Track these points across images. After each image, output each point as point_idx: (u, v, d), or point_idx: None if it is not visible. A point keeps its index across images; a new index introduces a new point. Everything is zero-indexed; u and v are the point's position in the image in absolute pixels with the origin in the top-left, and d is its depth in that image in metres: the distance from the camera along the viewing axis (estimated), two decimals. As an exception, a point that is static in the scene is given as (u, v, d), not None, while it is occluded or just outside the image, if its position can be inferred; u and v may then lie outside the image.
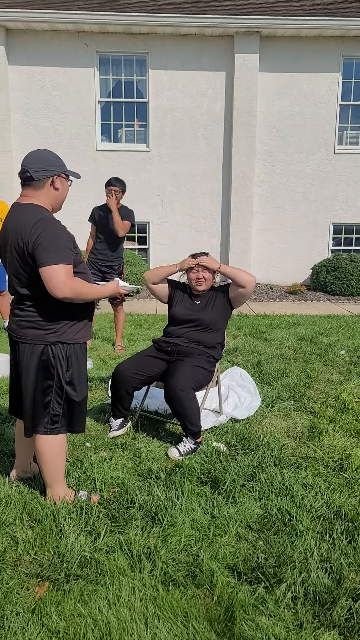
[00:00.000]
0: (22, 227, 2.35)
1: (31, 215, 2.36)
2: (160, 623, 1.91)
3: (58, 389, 2.52)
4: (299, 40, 9.91)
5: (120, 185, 5.45)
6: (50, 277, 2.29)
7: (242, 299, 3.57)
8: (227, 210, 10.49)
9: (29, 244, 2.32)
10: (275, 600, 2.05)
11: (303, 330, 6.72)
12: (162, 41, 9.81)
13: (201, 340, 3.57)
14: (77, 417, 2.62)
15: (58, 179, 2.47)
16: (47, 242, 2.30)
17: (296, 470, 3.09)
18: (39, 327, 2.45)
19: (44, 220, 2.34)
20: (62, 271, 2.30)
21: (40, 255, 2.30)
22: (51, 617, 1.92)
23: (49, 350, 2.47)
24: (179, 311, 3.69)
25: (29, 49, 9.74)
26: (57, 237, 2.33)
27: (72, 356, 2.53)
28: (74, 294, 2.33)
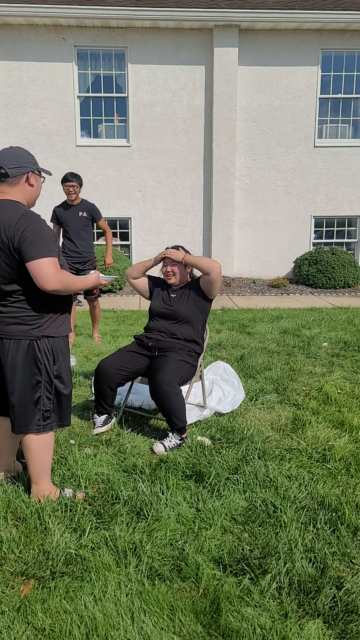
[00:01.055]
0: (5, 223, 2.36)
1: (12, 211, 2.38)
2: (146, 617, 1.92)
3: (47, 383, 2.52)
4: (278, 34, 9.92)
5: (77, 180, 5.52)
6: (39, 270, 2.32)
7: (210, 287, 3.56)
8: (209, 205, 10.49)
9: (14, 239, 2.34)
10: (261, 591, 2.07)
11: (286, 323, 6.76)
12: (140, 35, 9.75)
13: (178, 334, 3.58)
14: (66, 410, 2.63)
15: (32, 176, 2.50)
16: (33, 236, 2.33)
17: (280, 462, 3.12)
18: (23, 323, 2.46)
19: (26, 215, 2.36)
20: (50, 264, 2.34)
21: (27, 250, 2.32)
22: (37, 615, 1.91)
23: (35, 345, 2.47)
24: (155, 304, 3.73)
25: (5, 44, 9.61)
26: (41, 231, 2.36)
27: (58, 350, 2.54)
28: (63, 285, 2.37)
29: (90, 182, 10.24)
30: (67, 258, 5.55)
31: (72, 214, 5.55)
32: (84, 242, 5.62)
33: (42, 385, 2.51)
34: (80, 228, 5.56)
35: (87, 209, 5.61)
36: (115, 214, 10.43)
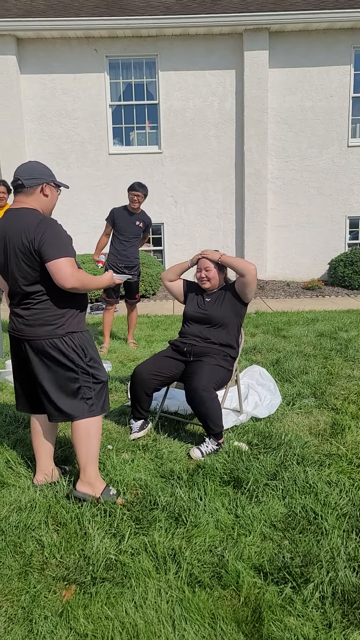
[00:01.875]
0: (25, 228, 2.52)
1: (31, 217, 2.55)
2: (187, 625, 1.91)
3: (85, 374, 2.66)
4: (309, 34, 9.83)
5: (143, 191, 5.70)
6: (59, 270, 2.47)
7: (245, 289, 3.53)
8: (241, 208, 10.45)
9: (35, 242, 2.49)
10: (303, 600, 2.03)
11: (322, 326, 6.66)
12: (170, 42, 9.82)
13: (213, 338, 3.56)
14: (106, 396, 2.78)
15: (47, 187, 2.66)
16: (52, 238, 2.50)
17: (319, 467, 3.06)
18: (48, 323, 2.60)
19: (45, 220, 2.55)
20: (68, 263, 2.49)
21: (46, 251, 2.48)
22: (79, 621, 1.92)
23: (62, 343, 2.61)
24: (189, 309, 3.73)
25: (40, 57, 9.84)
26: (60, 234, 2.54)
27: (85, 343, 2.69)
28: (80, 283, 2.52)
29: (122, 190, 10.34)
30: (115, 259, 5.74)
31: (130, 221, 5.73)
32: (133, 248, 5.81)
33: (80, 376, 2.65)
34: (133, 235, 5.75)
35: (144, 221, 5.82)
36: (148, 220, 10.50)
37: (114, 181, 10.33)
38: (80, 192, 10.31)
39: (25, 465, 3.10)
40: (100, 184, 10.30)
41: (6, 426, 3.71)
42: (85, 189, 10.27)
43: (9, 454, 3.24)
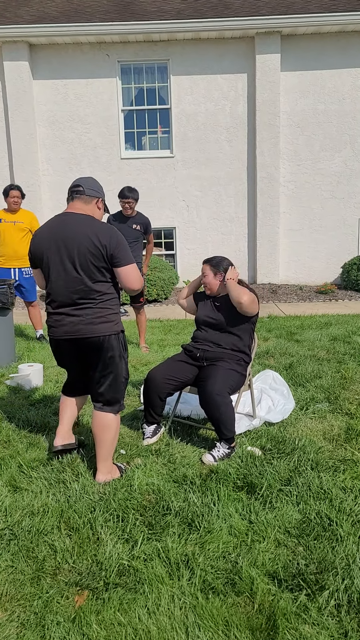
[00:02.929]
0: (96, 232, 2.79)
1: (100, 223, 2.85)
2: (201, 632, 1.89)
3: (124, 370, 3.00)
4: (321, 37, 9.80)
5: (133, 195, 5.66)
6: (131, 273, 2.84)
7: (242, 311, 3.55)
8: (253, 212, 10.43)
9: (110, 247, 2.78)
10: (318, 608, 2.00)
11: (335, 330, 6.60)
12: (182, 47, 9.85)
13: (224, 344, 3.54)
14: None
15: (101, 202, 2.98)
16: (123, 246, 2.83)
17: (334, 473, 3.03)
18: (108, 321, 2.89)
19: (113, 228, 2.85)
20: (135, 269, 2.87)
21: (120, 257, 2.80)
22: (92, 627, 1.91)
23: (119, 339, 2.94)
24: (200, 314, 3.74)
25: (52, 63, 9.91)
26: (126, 244, 2.87)
27: (125, 342, 3.02)
28: (142, 286, 2.94)
29: (134, 194, 10.38)
30: None
31: (127, 226, 5.69)
32: (134, 252, 5.73)
33: (123, 370, 2.98)
34: (132, 239, 5.70)
35: (141, 223, 5.76)
36: (160, 224, 10.52)
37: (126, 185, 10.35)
38: (92, 197, 10.34)
39: (38, 469, 3.10)
40: (112, 188, 10.34)
41: (19, 430, 3.72)
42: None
43: (21, 458, 3.24)
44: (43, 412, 4.04)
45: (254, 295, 3.56)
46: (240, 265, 10.68)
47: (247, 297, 3.47)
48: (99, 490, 2.83)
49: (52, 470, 3.07)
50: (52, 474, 3.02)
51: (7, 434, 3.63)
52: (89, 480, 2.94)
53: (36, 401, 4.30)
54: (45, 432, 3.66)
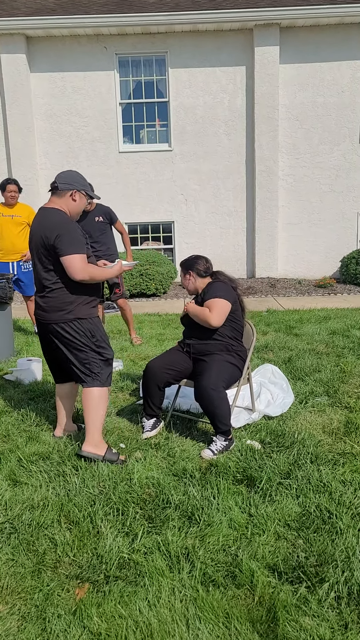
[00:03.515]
0: (47, 225, 2.98)
1: (54, 216, 3.01)
2: (201, 624, 1.89)
3: (93, 352, 3.12)
4: (320, 30, 9.75)
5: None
6: (70, 264, 2.93)
7: None
8: (252, 206, 10.40)
9: (52, 238, 2.93)
10: (318, 600, 2.01)
11: (334, 324, 6.60)
12: (180, 39, 9.79)
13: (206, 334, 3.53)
14: (110, 372, 3.23)
15: (77, 194, 3.11)
16: (67, 237, 2.93)
17: (333, 466, 3.03)
18: (60, 309, 3.05)
19: (65, 221, 3.00)
20: (79, 259, 2.94)
21: (61, 247, 2.92)
22: (92, 619, 1.92)
23: (72, 327, 3.06)
24: (181, 315, 3.79)
25: (49, 56, 9.85)
26: (74, 233, 2.97)
27: (93, 327, 3.13)
28: (90, 276, 2.97)
29: (133, 188, 10.35)
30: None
31: (89, 221, 5.49)
32: (103, 246, 5.59)
33: (89, 354, 3.11)
34: (99, 233, 5.53)
35: (103, 214, 5.58)
36: (158, 218, 10.49)
37: (124, 179, 10.33)
38: (90, 191, 10.31)
39: (38, 463, 3.10)
40: (110, 182, 10.30)
41: (19, 424, 3.72)
42: (96, 187, 10.26)
43: (21, 452, 3.24)
44: (42, 406, 4.04)
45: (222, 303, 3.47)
46: (238, 259, 10.66)
47: (215, 319, 3.42)
48: (99, 484, 2.83)
49: (51, 464, 3.07)
50: (52, 468, 3.02)
51: (7, 428, 3.63)
52: (89, 473, 2.94)
53: (35, 395, 4.29)
54: (44, 426, 3.66)
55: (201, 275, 3.65)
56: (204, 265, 3.65)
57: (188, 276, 3.67)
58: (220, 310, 3.46)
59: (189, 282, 3.68)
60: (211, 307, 3.47)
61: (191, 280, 3.66)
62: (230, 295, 3.54)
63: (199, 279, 3.65)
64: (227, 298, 3.51)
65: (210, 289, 3.58)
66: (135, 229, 10.68)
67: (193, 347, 3.56)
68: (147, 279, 9.18)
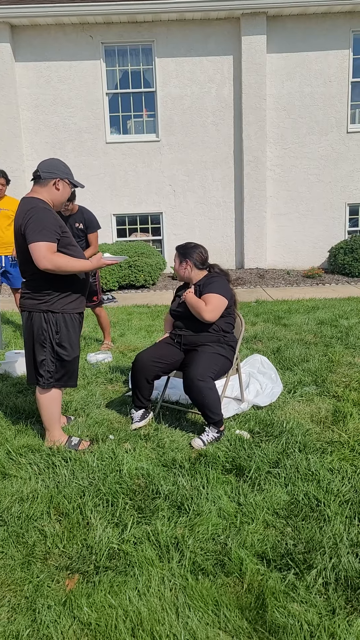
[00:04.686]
0: (20, 214, 2.95)
1: (27, 204, 2.95)
2: (191, 612, 1.91)
3: (51, 349, 3.06)
4: (307, 18, 9.71)
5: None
6: (33, 251, 2.85)
7: None
8: (240, 197, 10.39)
9: (22, 226, 2.89)
10: (306, 587, 2.03)
11: (322, 314, 6.64)
12: (167, 28, 9.70)
13: (197, 326, 3.53)
14: (70, 373, 3.17)
15: (61, 182, 3.04)
16: (34, 224, 2.85)
17: (322, 455, 3.06)
18: (33, 298, 3.03)
19: (34, 208, 2.90)
20: (44, 247, 2.83)
21: (28, 234, 2.86)
22: (82, 609, 1.92)
23: (41, 317, 3.02)
24: (171, 307, 3.76)
25: (34, 45, 9.72)
26: (43, 221, 2.86)
27: (61, 322, 3.05)
28: (54, 266, 2.86)
29: (121, 179, 10.29)
30: None
31: (69, 226, 4.96)
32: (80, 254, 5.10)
33: (47, 350, 3.06)
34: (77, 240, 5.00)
35: (84, 220, 5.02)
36: (147, 209, 10.45)
37: (111, 170, 10.26)
38: (78, 182, 10.24)
39: (27, 456, 3.09)
40: (97, 173, 10.23)
41: (7, 417, 3.71)
42: (83, 178, 10.19)
43: (10, 444, 3.23)
44: (31, 399, 4.03)
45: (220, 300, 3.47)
46: (227, 250, 10.66)
47: (209, 314, 3.43)
48: (89, 476, 2.83)
49: (41, 456, 3.07)
50: (41, 460, 3.02)
51: (-5, 421, 3.62)
52: (78, 465, 2.94)
53: (24, 388, 4.28)
54: (33, 419, 3.65)
55: (198, 267, 3.62)
56: (202, 257, 3.62)
57: (184, 264, 3.61)
58: (216, 307, 3.45)
59: (184, 271, 3.62)
60: (208, 302, 3.46)
61: (187, 269, 3.62)
62: (228, 293, 3.54)
63: (195, 269, 3.63)
64: (225, 295, 3.51)
65: (210, 284, 3.55)
66: (123, 220, 10.63)
67: (184, 339, 3.56)
68: (135, 270, 9.15)
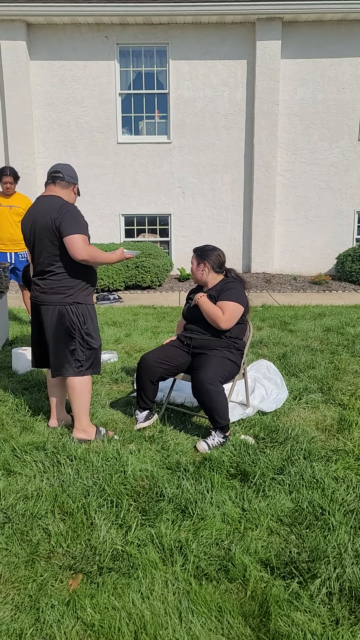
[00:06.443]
0: (51, 209, 3.07)
1: (58, 201, 3.12)
2: (194, 617, 1.91)
3: (80, 339, 3.21)
4: (323, 25, 9.70)
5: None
6: (72, 243, 3.01)
7: None
8: (249, 201, 10.39)
9: (57, 220, 3.04)
10: (310, 596, 2.02)
11: (329, 321, 6.63)
12: (182, 31, 9.71)
13: (209, 333, 3.53)
14: (97, 360, 3.33)
15: (76, 188, 3.33)
16: (70, 218, 3.04)
17: (326, 463, 3.05)
18: (58, 292, 3.15)
19: (67, 204, 3.12)
20: (81, 239, 3.03)
21: (64, 228, 3.02)
22: (86, 610, 1.92)
23: (69, 310, 3.16)
24: (184, 310, 3.76)
25: (50, 43, 9.74)
26: (77, 216, 3.09)
27: (86, 313, 3.23)
28: (90, 257, 3.06)
29: (130, 179, 10.30)
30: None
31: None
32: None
33: (77, 340, 3.20)
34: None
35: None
36: (155, 210, 10.46)
37: (122, 170, 10.28)
38: (87, 181, 10.26)
39: (32, 453, 3.10)
40: (108, 173, 10.25)
41: (13, 414, 3.71)
42: (93, 178, 10.22)
43: (15, 442, 3.24)
44: (36, 396, 4.03)
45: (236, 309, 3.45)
46: (234, 254, 10.65)
47: (225, 323, 3.43)
48: (93, 476, 2.83)
49: (45, 454, 3.07)
50: (46, 458, 3.02)
51: (1, 418, 3.63)
52: (83, 464, 2.94)
53: (30, 385, 4.29)
54: (39, 417, 3.66)
55: (215, 271, 3.62)
56: (220, 260, 3.62)
57: (202, 266, 3.60)
58: (232, 315, 3.45)
59: (202, 273, 3.61)
60: (224, 309, 3.45)
61: (204, 271, 3.61)
62: (244, 300, 3.54)
63: (212, 272, 3.62)
64: (242, 303, 3.51)
65: (227, 290, 3.53)
66: (132, 220, 10.64)
67: (195, 341, 3.55)
68: (142, 271, 9.16)
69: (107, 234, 10.52)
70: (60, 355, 3.21)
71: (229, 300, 3.48)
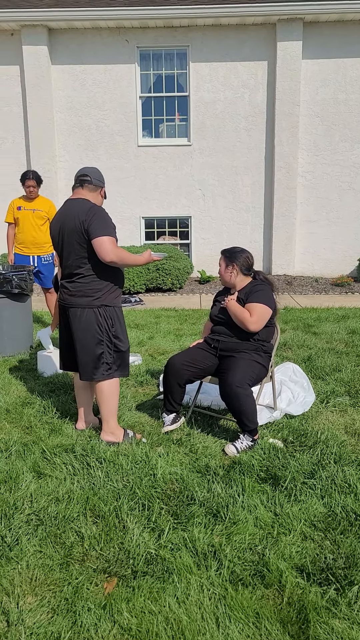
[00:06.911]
0: (80, 212, 3.09)
1: (86, 204, 3.14)
2: (231, 623, 1.89)
3: (108, 342, 3.23)
4: (344, 25, 9.63)
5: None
6: (101, 245, 3.02)
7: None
8: (270, 203, 10.33)
9: (85, 222, 3.05)
10: (348, 603, 1.99)
11: (353, 323, 6.55)
12: (202, 33, 9.72)
13: (238, 334, 3.51)
14: (126, 363, 3.35)
15: (103, 191, 3.36)
16: (99, 220, 3.06)
17: (357, 467, 3.01)
18: (86, 295, 3.16)
19: (95, 207, 3.14)
20: (109, 241, 3.03)
21: (93, 230, 3.03)
22: (122, 614, 1.92)
23: (97, 312, 3.17)
24: (212, 312, 3.73)
25: (71, 48, 9.82)
26: (106, 219, 3.10)
27: (114, 316, 3.25)
28: (118, 258, 3.06)
29: (151, 182, 10.32)
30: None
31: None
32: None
33: (104, 343, 3.21)
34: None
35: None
36: (176, 213, 10.46)
37: (142, 173, 10.30)
38: (108, 185, 10.31)
39: (61, 456, 3.11)
40: (128, 176, 10.28)
41: (40, 416, 3.73)
42: (114, 181, 10.26)
43: (44, 444, 3.25)
44: (63, 398, 4.05)
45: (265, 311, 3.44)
46: (255, 256, 10.60)
47: (254, 325, 3.41)
48: (123, 478, 2.83)
49: (75, 456, 3.08)
50: (76, 461, 3.03)
51: (29, 420, 3.65)
52: (113, 467, 2.94)
53: (56, 387, 4.31)
54: (66, 419, 3.67)
55: (243, 273, 3.61)
56: (248, 262, 3.60)
57: (231, 268, 3.59)
58: (260, 317, 3.43)
59: (230, 275, 3.60)
60: (253, 311, 3.44)
61: (232, 273, 3.59)
62: (272, 302, 3.52)
63: (240, 274, 3.61)
64: (270, 305, 3.49)
65: (255, 293, 3.52)
66: (152, 223, 10.66)
67: (223, 344, 3.53)
68: (163, 273, 9.16)
69: (127, 237, 10.55)
70: (88, 359, 3.21)
71: (258, 302, 3.46)
